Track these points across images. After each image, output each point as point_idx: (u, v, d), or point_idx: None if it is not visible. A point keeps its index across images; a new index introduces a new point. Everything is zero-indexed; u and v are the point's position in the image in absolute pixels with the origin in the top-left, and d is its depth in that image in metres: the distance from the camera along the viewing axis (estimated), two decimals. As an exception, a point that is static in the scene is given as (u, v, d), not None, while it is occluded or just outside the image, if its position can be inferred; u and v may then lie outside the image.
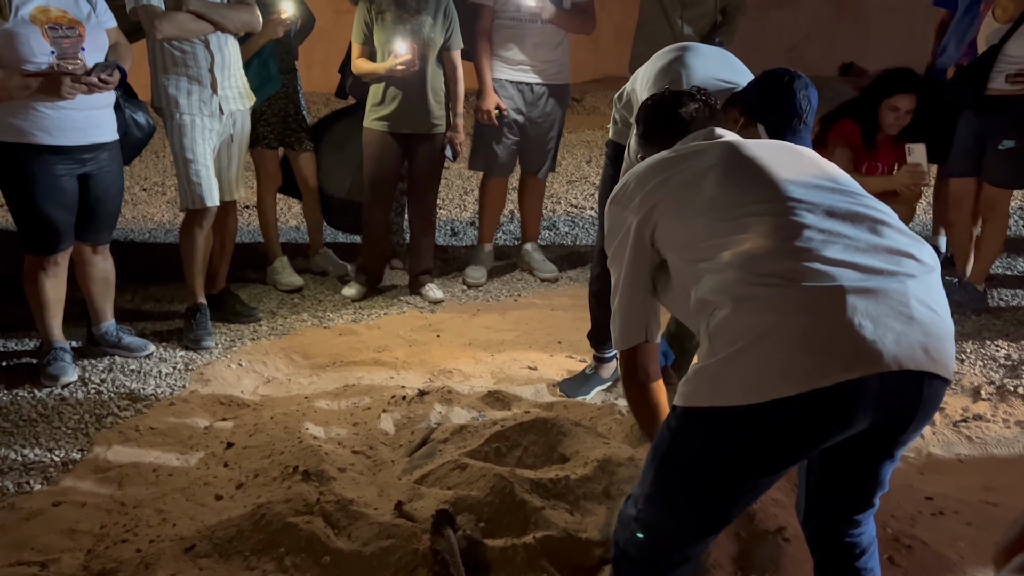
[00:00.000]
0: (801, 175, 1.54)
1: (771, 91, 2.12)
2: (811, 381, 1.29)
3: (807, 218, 1.43)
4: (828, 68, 10.27)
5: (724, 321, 1.38)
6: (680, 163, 1.65)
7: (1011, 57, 3.45)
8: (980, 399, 3.00)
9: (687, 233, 1.53)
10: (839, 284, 1.32)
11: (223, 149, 3.37)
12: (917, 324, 1.33)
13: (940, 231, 4.22)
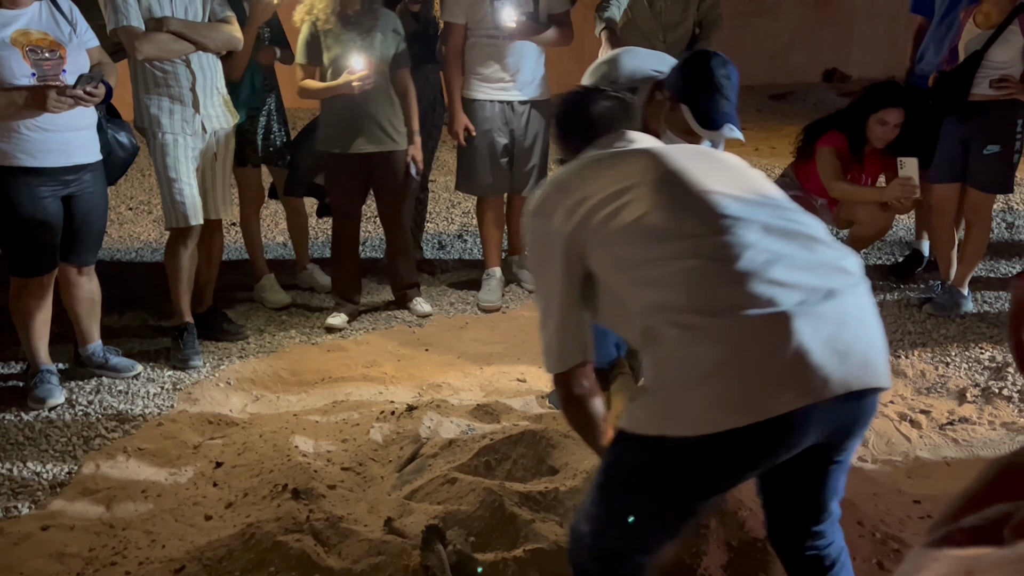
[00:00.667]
0: (732, 188, 1.50)
1: (691, 70, 2.16)
2: (764, 412, 1.31)
3: (745, 236, 1.41)
4: (811, 74, 10.35)
5: (670, 350, 1.37)
6: (603, 174, 1.58)
7: (994, 63, 3.50)
8: (966, 402, 3.02)
9: (622, 252, 1.48)
10: (784, 310, 1.32)
11: (207, 167, 3.37)
12: (858, 341, 1.36)
13: (923, 235, 4.26)
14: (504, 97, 3.80)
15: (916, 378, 3.20)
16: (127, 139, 3.15)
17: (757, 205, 1.48)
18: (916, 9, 4.19)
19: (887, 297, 3.99)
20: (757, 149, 7.08)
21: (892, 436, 2.82)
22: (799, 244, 1.43)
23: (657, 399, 1.39)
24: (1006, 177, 3.66)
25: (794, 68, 10.29)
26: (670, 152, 1.60)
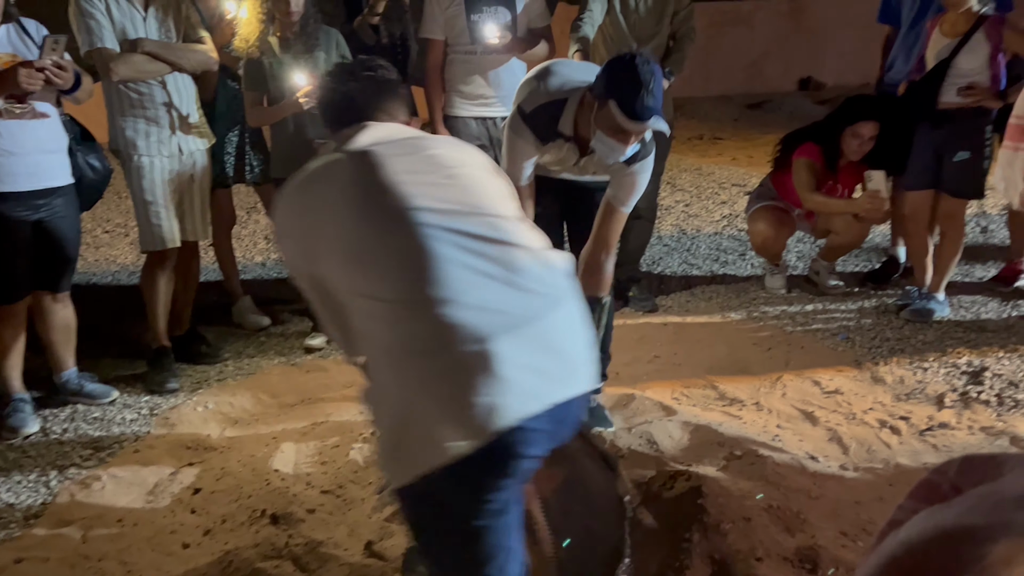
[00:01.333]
0: (440, 201, 1.46)
1: (616, 69, 2.25)
2: (480, 438, 1.34)
3: (445, 252, 1.40)
4: (787, 83, 10.45)
5: (380, 389, 1.43)
6: (313, 188, 1.54)
7: (961, 71, 3.54)
8: (944, 407, 3.04)
9: (337, 273, 1.47)
10: (484, 339, 1.35)
11: (184, 189, 3.35)
12: (562, 356, 1.43)
13: (899, 242, 4.29)
14: (486, 114, 3.76)
15: (895, 384, 3.22)
16: (99, 162, 3.12)
17: (463, 216, 1.45)
18: (883, 19, 4.24)
19: (865, 304, 4.01)
20: (735, 159, 7.14)
21: (873, 444, 2.83)
22: (502, 261, 1.44)
23: (384, 449, 1.44)
24: (977, 183, 3.70)
25: (770, 77, 10.39)
26: (387, 155, 1.52)
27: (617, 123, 2.24)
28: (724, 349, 3.59)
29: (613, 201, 2.55)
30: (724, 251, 4.81)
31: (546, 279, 1.47)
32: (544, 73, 2.53)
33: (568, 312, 1.49)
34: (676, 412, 2.97)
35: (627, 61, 2.24)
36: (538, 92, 2.46)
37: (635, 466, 2.63)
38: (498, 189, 1.58)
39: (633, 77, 2.20)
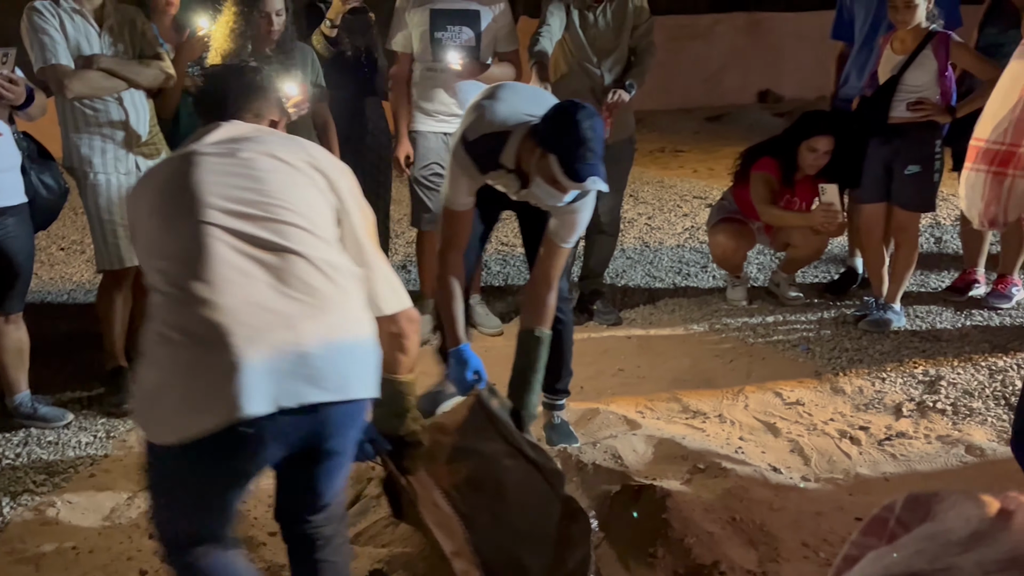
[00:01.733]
0: (232, 203, 1.57)
1: (558, 123, 2.24)
2: (212, 427, 1.45)
3: (219, 251, 1.51)
4: (746, 96, 10.62)
5: (148, 358, 1.55)
6: (142, 185, 1.75)
7: (910, 86, 3.63)
8: (902, 416, 3.09)
9: (143, 263, 1.69)
10: (232, 338, 1.44)
11: None
12: (316, 362, 1.47)
13: (856, 253, 4.38)
14: (450, 130, 3.73)
15: (854, 395, 3.27)
16: (54, 181, 3.05)
17: (249, 219, 1.56)
18: (836, 36, 4.33)
19: (824, 315, 4.08)
20: (696, 171, 7.23)
21: (833, 454, 2.87)
22: (272, 266, 1.53)
23: (139, 408, 1.62)
24: (928, 196, 3.79)
25: (728, 90, 10.55)
26: (194, 161, 1.64)
27: (556, 177, 2.23)
28: (687, 361, 3.62)
29: (554, 238, 2.52)
30: (686, 263, 4.85)
31: (319, 289, 1.53)
32: (490, 99, 2.49)
33: (334, 322, 1.53)
34: (640, 426, 2.98)
35: (570, 114, 2.22)
36: (482, 121, 2.42)
37: (600, 481, 2.63)
38: (306, 198, 1.63)
39: (575, 134, 2.18)
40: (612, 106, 3.60)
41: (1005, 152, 1.80)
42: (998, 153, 1.80)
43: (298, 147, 1.71)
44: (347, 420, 1.59)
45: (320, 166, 1.69)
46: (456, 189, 2.47)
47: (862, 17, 4.08)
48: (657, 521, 2.33)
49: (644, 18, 3.77)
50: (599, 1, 3.66)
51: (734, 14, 10.71)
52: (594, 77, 3.71)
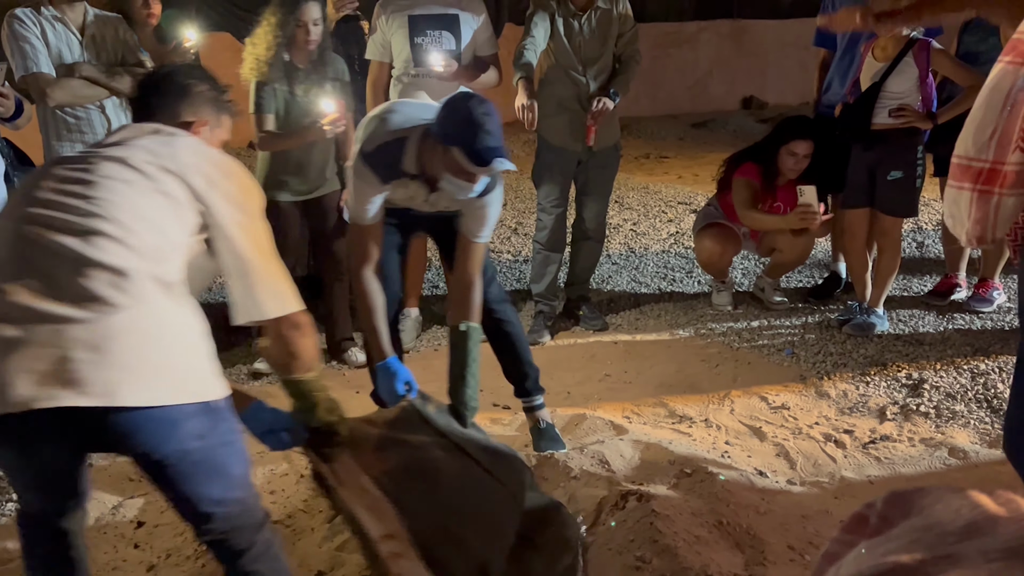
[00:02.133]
0: (51, 208, 1.60)
1: (451, 115, 2.28)
2: None
3: (21, 249, 1.57)
4: (730, 102, 10.70)
5: None
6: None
7: (892, 93, 3.67)
8: (886, 419, 3.12)
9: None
10: (6, 330, 1.48)
11: None
12: (68, 365, 1.47)
13: (839, 258, 4.41)
14: None
15: (839, 398, 3.30)
16: None
17: (57, 223, 1.58)
18: (819, 43, 4.37)
19: (809, 319, 4.11)
20: (680, 177, 7.26)
21: (818, 457, 2.89)
22: (59, 272, 1.54)
23: None
24: (910, 201, 3.83)
25: (713, 97, 10.62)
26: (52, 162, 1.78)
27: (463, 168, 2.27)
28: (673, 366, 3.64)
29: (468, 235, 2.56)
30: (672, 269, 4.88)
31: (104, 295, 1.52)
32: (385, 112, 2.54)
33: (111, 330, 1.51)
34: (627, 431, 2.99)
35: (464, 105, 2.27)
36: (378, 132, 2.45)
37: (587, 486, 2.64)
38: (136, 206, 1.64)
39: (471, 121, 2.23)
40: (597, 114, 3.65)
41: (989, 170, 1.80)
42: (982, 171, 1.80)
43: (163, 151, 1.71)
44: (144, 427, 1.53)
45: (181, 172, 1.68)
46: (361, 203, 2.47)
47: (844, 24, 4.12)
48: (645, 526, 2.34)
49: (629, 26, 3.80)
50: (584, 9, 3.68)
51: (719, 21, 10.79)
52: (579, 84, 3.72)
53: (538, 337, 3.92)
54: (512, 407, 3.30)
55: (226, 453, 1.64)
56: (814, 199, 3.81)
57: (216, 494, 1.64)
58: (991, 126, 1.78)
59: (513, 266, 4.99)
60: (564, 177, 3.88)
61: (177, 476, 1.60)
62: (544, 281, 4.00)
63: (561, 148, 3.81)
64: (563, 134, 3.79)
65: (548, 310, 4.05)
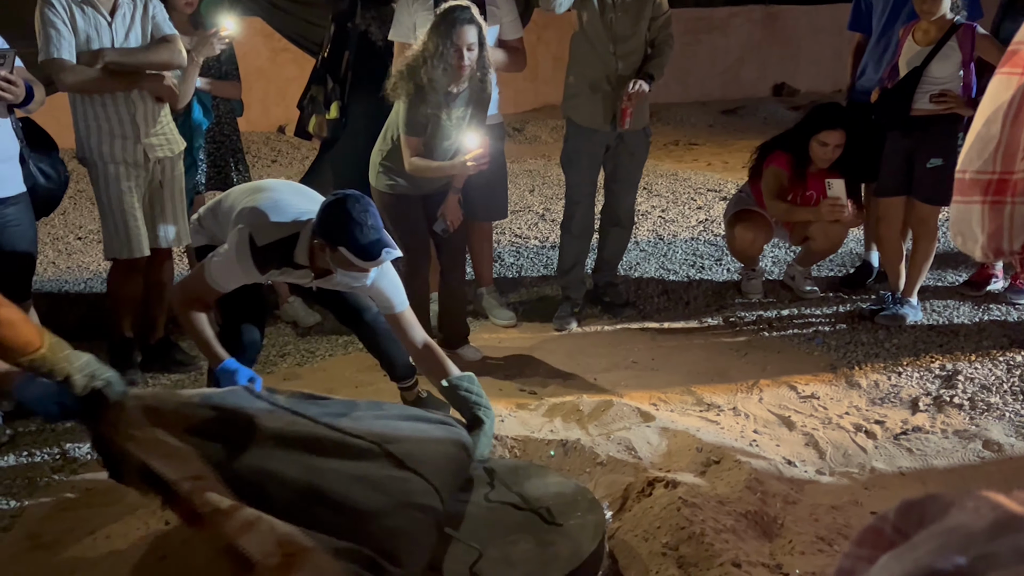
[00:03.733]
0: None
1: (331, 218, 2.38)
2: None
3: None
4: (761, 89, 10.56)
5: None
6: None
7: (934, 78, 3.59)
8: (919, 411, 3.07)
9: None
10: None
11: (154, 197, 3.31)
12: None
13: (872, 247, 4.35)
14: None
15: (870, 388, 3.25)
16: (52, 169, 3.03)
17: None
18: (853, 27, 4.29)
19: (840, 309, 4.05)
20: (710, 164, 7.19)
21: (849, 448, 2.85)
22: None
23: None
24: (949, 189, 3.71)
25: (744, 83, 10.49)
26: None
27: (353, 264, 2.38)
28: (701, 354, 3.61)
29: (388, 311, 2.67)
30: (700, 256, 4.83)
31: None
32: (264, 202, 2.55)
33: None
34: (654, 418, 2.97)
35: (341, 207, 2.36)
36: (268, 227, 2.48)
37: (613, 472, 2.63)
38: None
39: (352, 222, 2.33)
40: (633, 96, 3.61)
41: (998, 180, 1.75)
42: (990, 182, 1.76)
43: None
44: None
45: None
46: (226, 279, 2.51)
47: (880, 8, 4.04)
48: (671, 513, 2.33)
49: (663, 10, 3.76)
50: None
51: (751, 7, 10.64)
52: (609, 64, 3.69)
53: (564, 324, 3.90)
54: (538, 392, 3.30)
55: None
56: (842, 192, 3.75)
57: None
58: (995, 139, 1.73)
59: (540, 252, 4.98)
60: (593, 161, 3.84)
61: None
62: (571, 268, 3.97)
63: (589, 129, 3.78)
64: (592, 114, 3.75)
65: (575, 297, 4.02)
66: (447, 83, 3.20)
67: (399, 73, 3.25)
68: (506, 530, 2.18)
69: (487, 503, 2.30)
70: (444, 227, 3.48)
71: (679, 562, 2.20)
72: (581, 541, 2.12)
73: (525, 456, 2.77)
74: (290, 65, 7.08)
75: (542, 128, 8.38)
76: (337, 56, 3.88)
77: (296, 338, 3.87)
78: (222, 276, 2.51)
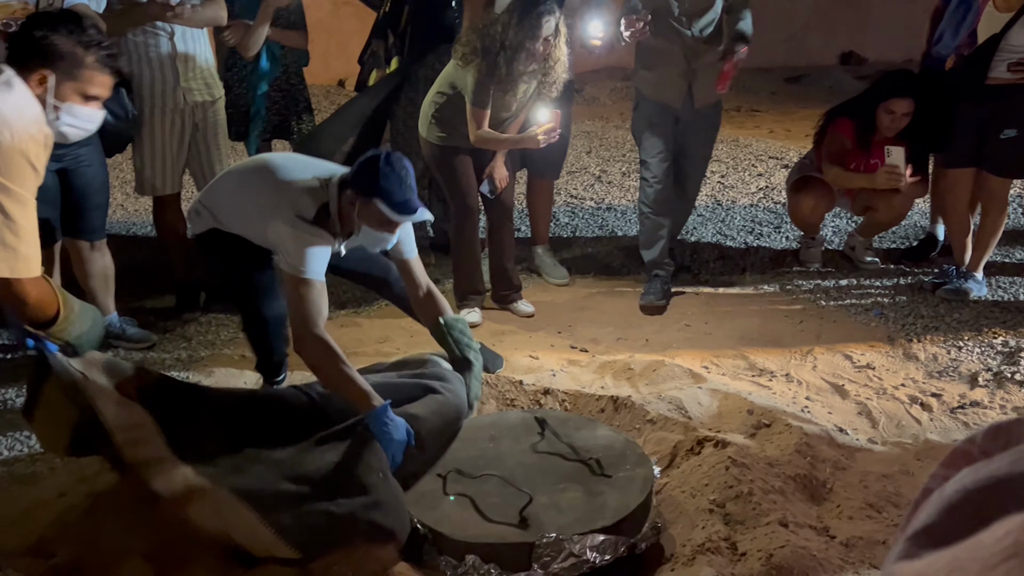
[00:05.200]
0: None
1: (371, 169, 2.34)
2: None
3: None
4: (828, 57, 10.25)
5: None
6: None
7: (1012, 46, 3.46)
8: (977, 386, 3.01)
9: None
10: None
11: (194, 140, 3.40)
12: None
13: (938, 220, 4.24)
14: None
15: (928, 362, 3.20)
16: (119, 107, 3.09)
17: None
18: (934, -10, 4.14)
19: (901, 281, 3.97)
20: (772, 132, 7.05)
21: (902, 419, 2.82)
22: None
23: None
24: (1022, 162, 3.63)
25: (810, 50, 10.19)
26: None
27: (386, 218, 2.34)
28: (756, 320, 3.59)
29: (399, 256, 2.63)
30: (759, 223, 4.77)
31: None
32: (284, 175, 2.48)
33: None
34: (705, 380, 2.98)
35: (383, 160, 2.33)
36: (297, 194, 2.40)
37: (663, 430, 2.65)
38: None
39: (393, 175, 2.32)
40: (734, 63, 3.43)
41: None
42: None
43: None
44: None
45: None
46: (317, 260, 2.35)
47: (961, -28, 3.89)
48: (720, 471, 2.34)
49: None
50: None
51: (820, -31, 10.30)
52: (684, 36, 3.48)
53: (656, 300, 3.68)
54: (589, 350, 3.33)
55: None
56: (901, 160, 3.65)
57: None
58: None
59: (595, 213, 4.96)
60: (666, 129, 3.64)
61: None
62: (656, 247, 3.73)
63: (660, 103, 3.61)
64: (664, 88, 3.58)
65: (664, 274, 3.79)
66: (522, 71, 3.21)
67: (472, 47, 3.21)
68: (556, 479, 2.22)
69: (537, 452, 2.34)
70: (492, 188, 3.50)
71: (725, 519, 2.22)
72: (629, 493, 2.15)
73: (575, 410, 2.80)
74: (351, 19, 7.11)
75: (601, 89, 8.28)
76: (398, 11, 3.88)
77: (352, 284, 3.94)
78: (312, 260, 2.33)
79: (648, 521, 2.15)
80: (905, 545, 0.54)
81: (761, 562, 2.00)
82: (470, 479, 2.21)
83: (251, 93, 3.83)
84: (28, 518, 2.23)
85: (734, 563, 2.05)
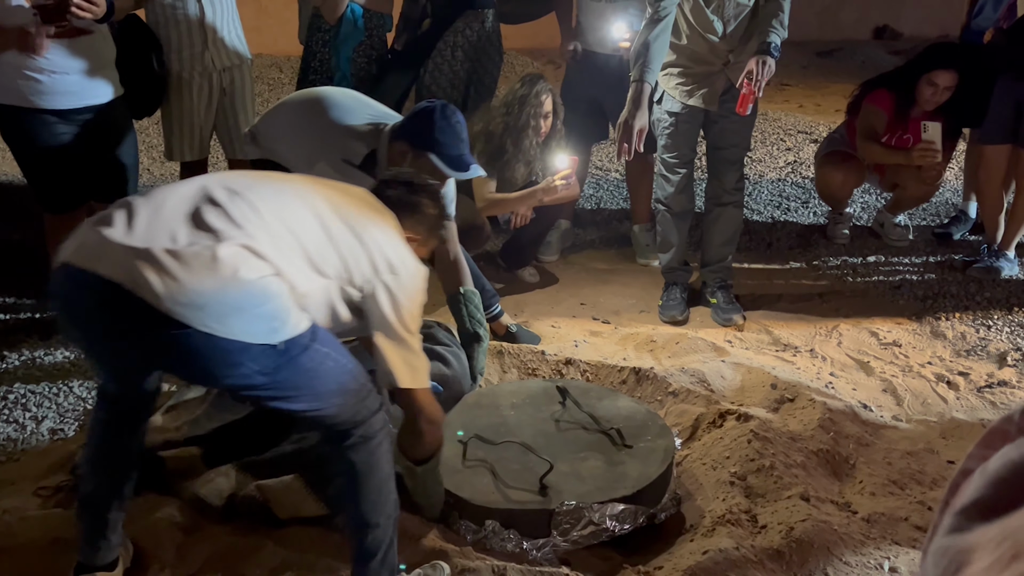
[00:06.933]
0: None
1: (426, 122, 2.30)
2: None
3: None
4: (862, 31, 10.04)
5: None
6: None
7: (1053, 19, 3.37)
8: (1006, 365, 2.97)
9: None
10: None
11: (222, 105, 3.37)
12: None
13: (971, 197, 4.16)
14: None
15: (956, 340, 3.16)
16: (156, 64, 3.11)
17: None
18: (975, -39, 4.03)
19: (930, 259, 3.91)
20: (801, 106, 6.94)
21: (928, 397, 2.79)
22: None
23: None
24: (1061, 139, 3.54)
25: (843, 24, 9.98)
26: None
27: (439, 174, 2.29)
28: (781, 295, 3.55)
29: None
30: (787, 198, 4.71)
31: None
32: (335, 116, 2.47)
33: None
34: (729, 353, 2.96)
35: (439, 113, 2.29)
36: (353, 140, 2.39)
37: (685, 402, 2.64)
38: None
39: (449, 129, 2.28)
40: (752, 85, 2.97)
41: None
42: None
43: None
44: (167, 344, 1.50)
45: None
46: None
47: (1005, -57, 3.78)
48: (742, 444, 2.33)
49: None
50: None
51: (856, -59, 10.06)
52: (712, 42, 3.08)
53: (676, 315, 3.30)
54: (611, 322, 3.31)
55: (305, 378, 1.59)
56: (938, 137, 3.57)
57: (299, 407, 1.62)
58: None
59: (620, 185, 4.92)
60: (692, 127, 3.21)
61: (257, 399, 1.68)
62: (672, 251, 3.36)
63: (686, 105, 3.16)
64: (690, 91, 3.14)
65: (682, 281, 3.43)
66: (529, 147, 3.26)
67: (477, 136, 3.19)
68: (576, 447, 2.22)
69: (558, 421, 2.34)
70: (507, 218, 3.48)
71: (746, 491, 2.21)
72: (650, 463, 2.15)
73: (597, 381, 2.80)
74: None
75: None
76: None
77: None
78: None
79: (668, 492, 2.15)
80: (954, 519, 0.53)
81: (781, 535, 2.00)
82: (491, 445, 2.22)
83: (335, 58, 3.78)
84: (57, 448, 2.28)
85: (754, 535, 2.05)
